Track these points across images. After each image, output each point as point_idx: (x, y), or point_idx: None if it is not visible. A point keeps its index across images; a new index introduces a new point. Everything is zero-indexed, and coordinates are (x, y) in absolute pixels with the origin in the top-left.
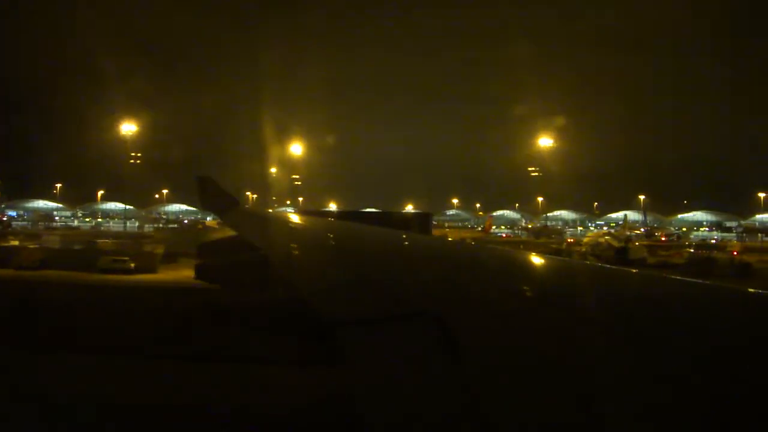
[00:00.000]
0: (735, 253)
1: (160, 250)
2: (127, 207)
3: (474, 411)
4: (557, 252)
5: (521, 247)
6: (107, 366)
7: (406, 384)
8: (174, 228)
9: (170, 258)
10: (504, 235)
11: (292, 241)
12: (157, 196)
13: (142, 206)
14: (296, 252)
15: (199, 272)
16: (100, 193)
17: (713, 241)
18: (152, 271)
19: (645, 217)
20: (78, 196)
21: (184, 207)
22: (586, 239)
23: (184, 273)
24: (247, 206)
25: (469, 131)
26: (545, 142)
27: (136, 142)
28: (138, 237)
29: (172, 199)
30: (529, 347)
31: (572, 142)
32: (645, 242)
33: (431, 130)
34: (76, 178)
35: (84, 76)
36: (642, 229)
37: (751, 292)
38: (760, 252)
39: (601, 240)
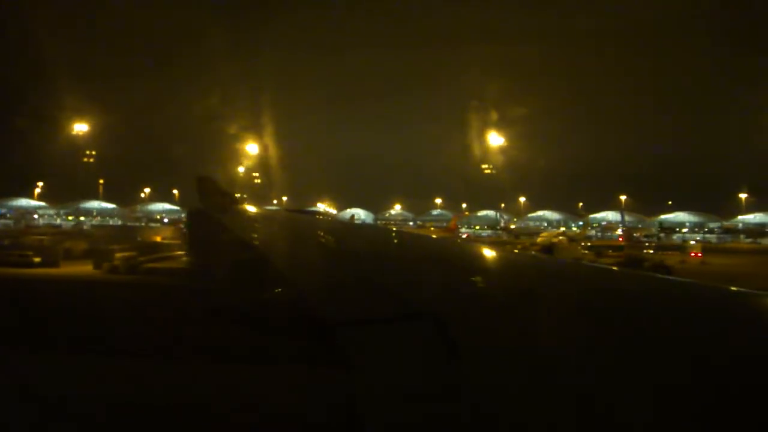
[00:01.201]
0: (692, 254)
1: (83, 245)
2: (110, 205)
3: (474, 411)
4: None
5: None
6: (105, 365)
7: (406, 384)
8: (113, 226)
9: (92, 253)
10: (466, 235)
11: (292, 240)
12: (143, 195)
13: (126, 204)
14: (296, 251)
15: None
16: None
17: (693, 243)
18: (55, 265)
19: (623, 218)
20: (61, 195)
21: (167, 206)
22: (539, 239)
23: (85, 268)
24: (247, 205)
25: (456, 132)
26: (495, 141)
27: (123, 141)
28: (74, 234)
29: (155, 198)
30: (529, 347)
31: (556, 143)
32: (597, 243)
33: (419, 131)
34: (59, 177)
35: (66, 74)
36: (619, 230)
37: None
38: (720, 253)
39: (555, 240)
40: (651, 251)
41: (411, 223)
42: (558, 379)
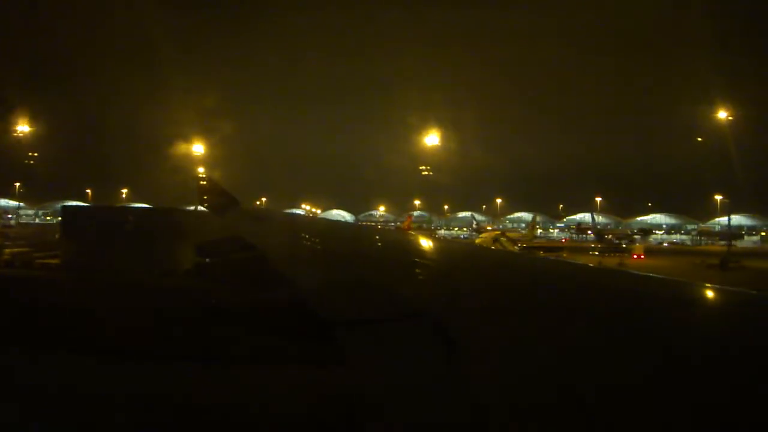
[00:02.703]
0: (635, 256)
1: None
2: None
3: (473, 410)
4: None
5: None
6: (106, 365)
7: (406, 384)
8: (38, 224)
9: None
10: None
11: (291, 240)
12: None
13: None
14: (296, 252)
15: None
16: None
17: (666, 244)
18: None
19: (593, 219)
20: (39, 195)
21: (144, 205)
22: (478, 240)
23: None
24: (248, 205)
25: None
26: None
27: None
28: None
29: (131, 198)
30: (527, 347)
31: (536, 146)
32: (535, 243)
33: (398, 134)
34: (37, 177)
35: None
36: (589, 231)
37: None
38: (677, 255)
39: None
40: (596, 252)
41: (392, 224)
42: (557, 380)
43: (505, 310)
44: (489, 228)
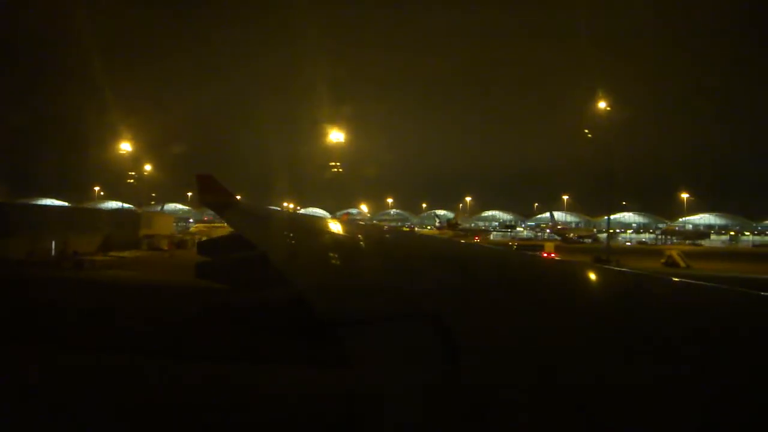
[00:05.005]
0: (545, 254)
1: None
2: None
3: (474, 410)
4: None
5: None
6: (105, 365)
7: (406, 384)
8: None
9: None
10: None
11: (292, 239)
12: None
13: (80, 201)
14: (296, 251)
15: (199, 270)
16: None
17: (628, 243)
18: None
19: (552, 217)
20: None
21: (124, 204)
22: None
23: None
24: (248, 204)
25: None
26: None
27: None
28: None
29: (107, 197)
30: (528, 346)
31: (513, 146)
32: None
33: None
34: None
35: None
36: (548, 230)
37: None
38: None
39: None
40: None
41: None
42: (557, 378)
43: (506, 308)
44: (459, 224)
